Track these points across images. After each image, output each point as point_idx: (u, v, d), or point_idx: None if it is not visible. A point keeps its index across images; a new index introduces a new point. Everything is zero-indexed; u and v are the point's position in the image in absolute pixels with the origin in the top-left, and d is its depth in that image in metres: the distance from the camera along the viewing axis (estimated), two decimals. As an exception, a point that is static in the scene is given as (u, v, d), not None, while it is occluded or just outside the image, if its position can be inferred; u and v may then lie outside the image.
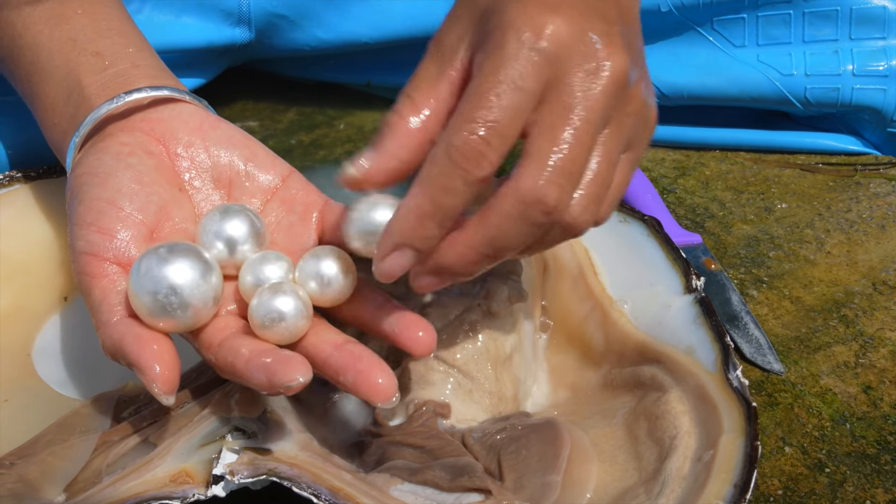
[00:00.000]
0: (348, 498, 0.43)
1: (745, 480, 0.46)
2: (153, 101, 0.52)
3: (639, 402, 0.53)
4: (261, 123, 0.93)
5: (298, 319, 0.45)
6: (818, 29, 0.84)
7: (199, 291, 0.45)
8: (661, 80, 0.85)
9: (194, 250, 0.46)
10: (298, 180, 0.53)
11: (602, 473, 0.50)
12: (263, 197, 0.52)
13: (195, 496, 0.43)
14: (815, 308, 0.69)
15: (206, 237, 0.48)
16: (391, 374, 0.43)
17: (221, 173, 0.52)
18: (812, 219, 0.79)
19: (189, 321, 0.45)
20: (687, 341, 0.55)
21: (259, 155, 0.53)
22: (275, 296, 0.45)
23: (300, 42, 0.88)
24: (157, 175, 0.50)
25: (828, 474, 0.56)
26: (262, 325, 0.45)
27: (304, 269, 0.47)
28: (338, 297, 0.47)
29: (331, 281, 0.47)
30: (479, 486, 0.46)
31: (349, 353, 0.44)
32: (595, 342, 0.58)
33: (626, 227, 0.63)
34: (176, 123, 0.52)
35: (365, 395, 0.43)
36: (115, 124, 0.52)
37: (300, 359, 0.42)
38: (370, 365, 0.43)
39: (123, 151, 0.50)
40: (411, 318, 0.46)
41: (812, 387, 0.62)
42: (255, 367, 0.43)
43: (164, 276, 0.44)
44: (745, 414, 0.49)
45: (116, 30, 0.57)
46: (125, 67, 0.55)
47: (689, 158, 0.88)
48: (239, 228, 0.48)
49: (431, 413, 0.51)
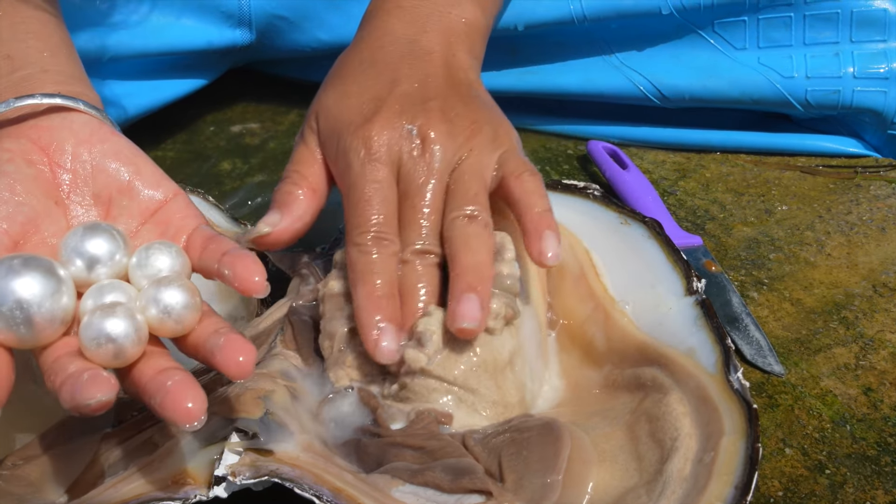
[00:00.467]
0: (350, 499, 0.43)
1: (745, 482, 0.46)
2: (48, 108, 0.51)
3: (640, 404, 0.53)
4: (262, 125, 0.93)
5: (127, 344, 0.43)
6: (819, 31, 0.84)
7: (46, 310, 0.43)
8: (662, 82, 0.86)
9: (49, 266, 0.44)
10: (180, 202, 0.52)
11: (603, 474, 0.50)
12: (141, 217, 0.51)
13: (197, 497, 0.43)
14: (815, 310, 0.69)
15: (66, 253, 0.47)
16: (202, 400, 0.41)
17: (102, 189, 0.51)
18: (812, 221, 0.79)
19: (30, 339, 0.44)
20: (688, 343, 0.55)
21: (144, 172, 0.52)
22: (105, 317, 0.43)
23: (301, 43, 0.89)
24: (34, 185, 0.49)
25: (828, 476, 0.56)
26: (87, 345, 0.43)
27: (145, 296, 0.45)
28: (178, 326, 0.45)
29: (170, 309, 0.45)
30: (479, 488, 0.46)
31: (167, 376, 0.42)
32: (597, 342, 0.58)
33: (627, 229, 0.63)
34: (64, 133, 0.51)
35: (170, 417, 0.41)
36: (4, 129, 0.51)
37: (108, 379, 0.40)
38: (180, 388, 0.41)
39: (2, 158, 0.49)
40: (234, 341, 0.43)
41: (812, 388, 0.62)
42: (66, 385, 0.41)
43: (11, 289, 0.43)
44: (746, 416, 0.49)
45: (35, 33, 0.56)
46: (33, 72, 0.54)
47: (689, 160, 0.88)
48: (101, 247, 0.47)
49: (433, 419, 0.51)
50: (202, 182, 0.84)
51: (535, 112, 0.92)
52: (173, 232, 0.50)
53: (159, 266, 0.47)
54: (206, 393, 0.41)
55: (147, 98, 0.86)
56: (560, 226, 0.65)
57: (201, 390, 0.41)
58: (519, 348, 0.55)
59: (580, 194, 0.67)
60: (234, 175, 0.85)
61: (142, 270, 0.47)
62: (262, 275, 0.45)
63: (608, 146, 0.85)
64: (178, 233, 0.50)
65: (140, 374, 0.43)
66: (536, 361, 0.57)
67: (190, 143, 0.90)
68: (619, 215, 0.64)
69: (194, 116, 0.93)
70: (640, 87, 0.86)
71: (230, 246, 0.48)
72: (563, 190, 0.67)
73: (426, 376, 0.52)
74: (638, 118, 0.90)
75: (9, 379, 0.43)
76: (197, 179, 0.84)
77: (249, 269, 0.45)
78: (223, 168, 0.86)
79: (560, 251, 0.54)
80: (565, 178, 0.85)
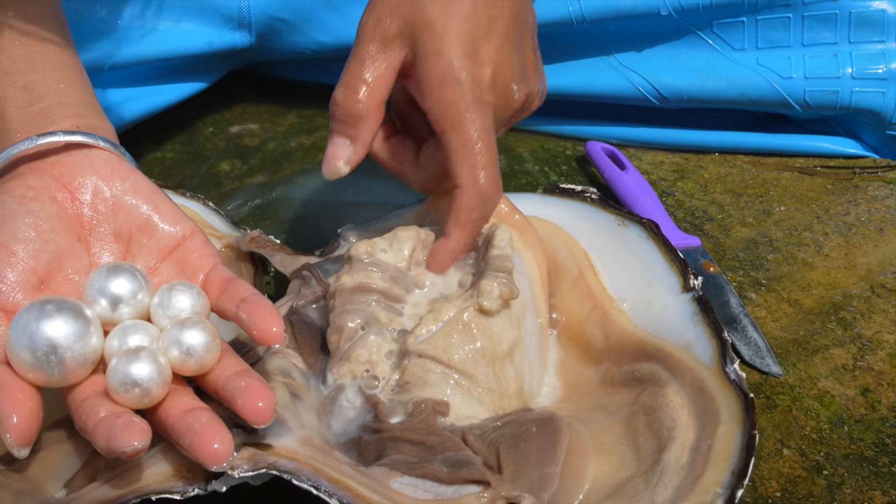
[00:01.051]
0: (348, 490, 0.43)
1: (742, 467, 0.46)
2: (68, 144, 0.52)
3: (637, 397, 0.54)
4: (261, 126, 0.94)
5: (153, 386, 0.45)
6: (817, 32, 0.84)
7: (76, 352, 0.45)
8: (660, 82, 0.86)
9: (78, 309, 0.46)
10: (198, 240, 0.53)
11: (601, 465, 0.50)
12: (160, 255, 0.52)
13: (195, 491, 0.44)
14: (813, 311, 0.69)
15: (90, 293, 0.48)
16: (228, 439, 0.43)
17: (123, 227, 0.52)
18: (810, 222, 0.79)
19: (61, 380, 0.45)
20: (685, 337, 0.55)
21: (164, 210, 0.53)
22: (131, 362, 0.45)
23: (301, 45, 0.89)
24: (58, 223, 0.50)
25: (826, 476, 0.56)
26: (115, 389, 0.45)
27: (168, 337, 0.47)
28: (199, 367, 0.47)
29: (192, 350, 0.46)
30: (477, 478, 0.47)
31: (193, 417, 0.44)
32: (595, 341, 0.59)
33: (625, 230, 0.64)
34: (86, 170, 0.52)
35: (199, 458, 0.43)
36: (27, 165, 0.52)
37: (141, 426, 0.42)
38: (207, 430, 0.43)
39: (27, 195, 0.50)
40: (254, 388, 0.45)
41: (810, 389, 0.62)
42: (100, 429, 0.43)
43: (44, 332, 0.44)
44: (742, 405, 0.49)
45: (51, 63, 0.56)
46: (51, 104, 0.55)
47: (687, 161, 0.88)
48: (124, 287, 0.48)
49: (431, 410, 0.51)
50: (201, 182, 0.84)
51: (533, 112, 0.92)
52: (191, 271, 0.52)
53: (181, 307, 0.49)
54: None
55: (148, 102, 0.86)
56: (557, 228, 0.65)
57: (227, 431, 0.43)
58: (520, 341, 0.55)
59: (577, 198, 0.67)
60: (233, 176, 0.85)
61: (164, 311, 0.49)
62: (279, 325, 0.47)
63: (607, 147, 0.85)
64: (195, 272, 0.51)
65: (167, 414, 0.45)
66: (536, 359, 0.58)
67: (189, 143, 0.90)
68: (616, 217, 0.65)
69: (193, 118, 0.94)
70: (639, 87, 0.86)
71: (249, 291, 0.49)
72: (561, 194, 0.68)
73: (424, 357, 0.52)
74: (636, 119, 0.90)
75: (39, 418, 0.44)
76: (196, 180, 0.84)
77: (268, 319, 0.47)
78: (222, 169, 0.87)
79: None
80: (563, 179, 0.85)
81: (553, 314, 0.61)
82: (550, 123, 0.92)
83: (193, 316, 0.48)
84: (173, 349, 0.46)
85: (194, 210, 0.68)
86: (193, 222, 0.54)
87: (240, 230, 0.68)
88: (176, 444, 0.44)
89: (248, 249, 0.64)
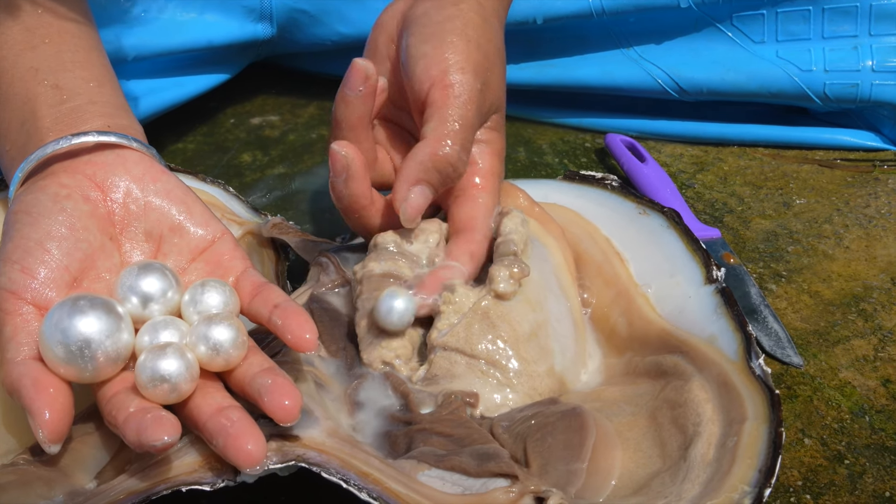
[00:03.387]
0: (377, 483, 0.43)
1: (770, 465, 0.46)
2: (100, 144, 0.53)
3: (661, 391, 0.53)
4: (281, 118, 0.94)
5: (181, 382, 0.45)
6: (838, 25, 0.84)
7: (108, 348, 0.46)
8: (680, 75, 0.86)
9: (110, 305, 0.46)
10: (228, 242, 0.53)
11: (626, 460, 0.50)
12: (190, 255, 0.53)
13: (224, 482, 0.44)
14: (833, 302, 0.69)
15: (122, 291, 0.49)
16: (261, 440, 0.43)
17: (154, 227, 0.52)
18: (830, 214, 0.79)
19: (93, 375, 0.46)
20: (709, 330, 0.55)
21: (195, 212, 0.53)
22: (159, 357, 0.45)
23: (321, 37, 0.89)
24: (90, 222, 0.51)
25: (847, 466, 0.56)
26: (144, 385, 0.45)
27: (195, 333, 0.47)
28: (226, 363, 0.47)
29: (220, 346, 0.47)
30: (505, 471, 0.47)
31: (226, 417, 0.44)
32: (619, 329, 0.59)
33: (646, 219, 0.63)
34: (119, 170, 0.53)
35: (233, 460, 0.43)
36: (60, 164, 0.52)
37: (170, 420, 0.42)
38: (240, 431, 0.43)
39: (61, 194, 0.51)
40: (281, 386, 0.45)
41: (831, 380, 0.63)
42: (129, 423, 0.43)
43: (77, 328, 0.45)
44: (768, 401, 0.49)
45: (81, 62, 0.57)
46: (81, 103, 0.55)
47: (707, 154, 0.88)
48: (154, 286, 0.49)
49: (460, 402, 0.52)
50: (222, 173, 0.84)
51: (553, 105, 0.92)
52: (221, 272, 0.52)
53: (211, 303, 0.49)
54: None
55: (171, 94, 0.86)
56: (577, 215, 0.65)
57: (260, 432, 0.44)
58: (543, 322, 0.56)
59: (598, 185, 0.67)
60: (254, 167, 0.86)
61: (195, 307, 0.49)
62: (313, 333, 0.47)
63: (626, 139, 0.85)
64: (225, 273, 0.52)
65: (198, 410, 0.45)
66: (569, 338, 0.58)
67: (210, 135, 0.91)
68: (637, 205, 0.64)
69: (214, 109, 0.94)
70: (659, 80, 0.86)
71: (281, 297, 0.50)
72: (581, 181, 0.68)
73: (448, 350, 0.53)
74: (656, 111, 0.90)
75: (71, 415, 0.45)
76: (217, 171, 0.85)
77: (303, 326, 0.47)
78: (243, 160, 0.87)
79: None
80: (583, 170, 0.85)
81: (585, 294, 0.62)
82: (570, 116, 0.92)
83: (221, 312, 0.49)
84: (200, 345, 0.47)
85: (214, 196, 0.68)
86: (224, 225, 0.54)
87: (261, 216, 0.68)
88: (209, 444, 0.45)
89: (270, 235, 0.65)
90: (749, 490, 0.45)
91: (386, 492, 0.43)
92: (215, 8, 0.85)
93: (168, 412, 0.43)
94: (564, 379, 0.56)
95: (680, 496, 0.46)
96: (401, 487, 0.44)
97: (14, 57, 0.56)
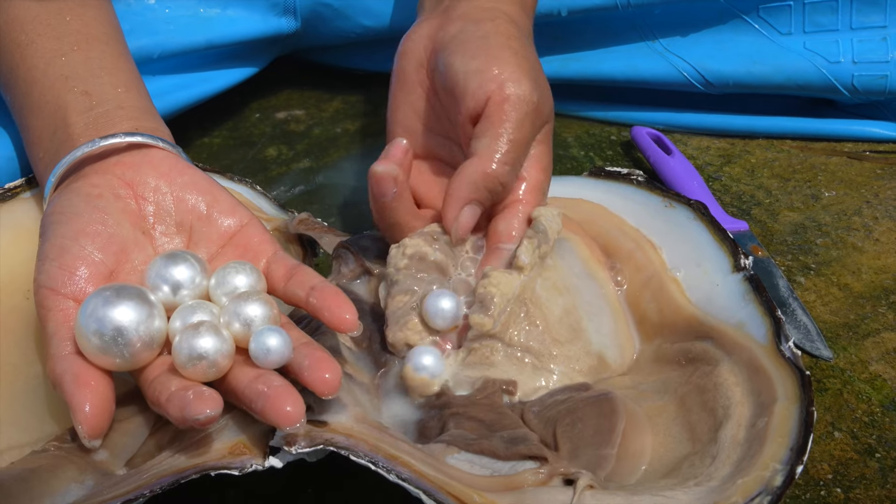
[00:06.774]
0: (406, 465, 0.44)
1: (801, 444, 0.46)
2: (128, 145, 0.55)
3: (690, 377, 0.53)
4: (306, 112, 0.94)
5: (218, 358, 0.46)
6: (866, 16, 0.83)
7: (142, 334, 0.47)
8: (706, 68, 0.85)
9: (142, 294, 0.48)
10: (256, 227, 0.55)
11: (656, 445, 0.50)
12: (220, 242, 0.54)
13: (253, 467, 0.44)
14: (863, 295, 0.69)
15: (151, 280, 0.50)
16: (300, 401, 0.44)
17: (183, 218, 0.54)
18: (860, 206, 0.78)
19: (131, 362, 0.47)
20: (738, 317, 0.55)
21: (221, 201, 0.55)
22: (194, 336, 0.46)
23: (346, 31, 0.89)
24: (122, 218, 0.52)
25: (878, 459, 0.56)
26: (183, 364, 0.46)
27: (228, 311, 0.48)
28: None
29: (252, 322, 0.47)
30: (535, 454, 0.47)
31: (263, 382, 0.45)
32: (650, 314, 0.59)
33: (672, 212, 0.63)
34: (146, 168, 0.54)
35: (273, 420, 0.44)
36: (91, 166, 0.54)
37: (212, 395, 0.43)
38: (279, 393, 0.44)
39: (93, 193, 0.52)
40: (321, 359, 0.46)
41: (861, 373, 0.62)
42: (172, 401, 0.44)
43: (110, 317, 0.46)
44: (798, 382, 0.49)
45: (108, 69, 0.59)
46: (110, 108, 0.57)
47: (734, 146, 0.88)
48: (182, 273, 0.50)
49: (498, 389, 0.52)
50: (248, 168, 0.85)
51: (578, 98, 0.92)
52: (251, 256, 0.53)
53: (236, 283, 0.50)
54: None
55: (197, 90, 0.87)
56: (604, 209, 0.65)
57: (298, 394, 0.44)
58: (573, 305, 0.56)
59: (624, 180, 0.67)
60: (279, 161, 0.86)
61: (221, 289, 0.51)
62: (353, 313, 0.48)
63: (652, 132, 0.85)
64: (256, 256, 0.53)
65: (236, 381, 0.46)
66: (607, 317, 0.58)
67: (236, 129, 0.91)
68: (663, 199, 0.64)
69: (240, 104, 0.95)
70: (684, 73, 0.86)
71: (317, 279, 0.50)
72: (607, 176, 0.68)
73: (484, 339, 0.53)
74: (682, 104, 0.89)
75: (111, 410, 0.46)
76: (243, 165, 0.85)
77: (342, 306, 0.48)
78: (269, 154, 0.87)
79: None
80: (609, 164, 0.85)
81: (618, 277, 0.62)
82: (595, 109, 0.92)
83: (250, 290, 0.50)
84: (234, 322, 0.48)
85: (241, 193, 0.69)
86: (250, 211, 0.55)
87: (287, 213, 0.68)
88: (248, 409, 0.45)
89: (296, 231, 0.65)
90: (780, 468, 0.45)
91: (415, 474, 0.44)
92: (240, 3, 0.86)
93: (209, 388, 0.44)
94: (604, 356, 0.56)
95: (710, 476, 0.46)
96: (429, 470, 0.44)
97: (45, 65, 0.58)
